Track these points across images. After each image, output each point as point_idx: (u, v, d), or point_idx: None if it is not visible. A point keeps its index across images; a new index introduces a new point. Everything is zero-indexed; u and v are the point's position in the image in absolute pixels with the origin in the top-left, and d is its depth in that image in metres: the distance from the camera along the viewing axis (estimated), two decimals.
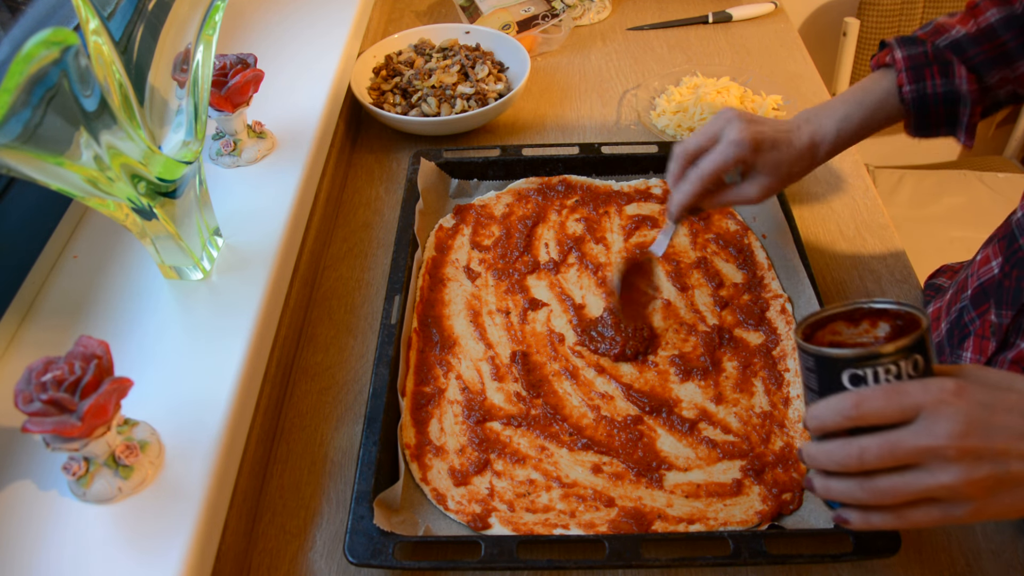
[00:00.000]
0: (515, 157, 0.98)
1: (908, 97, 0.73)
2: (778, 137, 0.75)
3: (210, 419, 0.66)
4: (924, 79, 0.73)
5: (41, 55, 0.49)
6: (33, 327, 0.73)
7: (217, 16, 0.67)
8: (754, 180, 0.76)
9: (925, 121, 0.75)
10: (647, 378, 0.78)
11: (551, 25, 1.26)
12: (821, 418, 0.53)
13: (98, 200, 0.65)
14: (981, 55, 0.72)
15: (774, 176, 0.75)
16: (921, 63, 0.73)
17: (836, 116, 0.76)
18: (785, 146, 0.75)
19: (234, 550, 0.66)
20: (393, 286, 0.82)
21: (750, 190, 0.76)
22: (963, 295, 0.78)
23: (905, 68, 0.74)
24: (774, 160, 0.75)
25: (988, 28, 0.72)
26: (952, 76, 0.73)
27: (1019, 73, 0.73)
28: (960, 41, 0.73)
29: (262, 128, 0.93)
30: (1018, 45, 0.72)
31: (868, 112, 0.75)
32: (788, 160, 0.75)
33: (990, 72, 0.73)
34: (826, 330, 0.56)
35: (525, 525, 0.66)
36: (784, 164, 0.75)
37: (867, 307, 0.55)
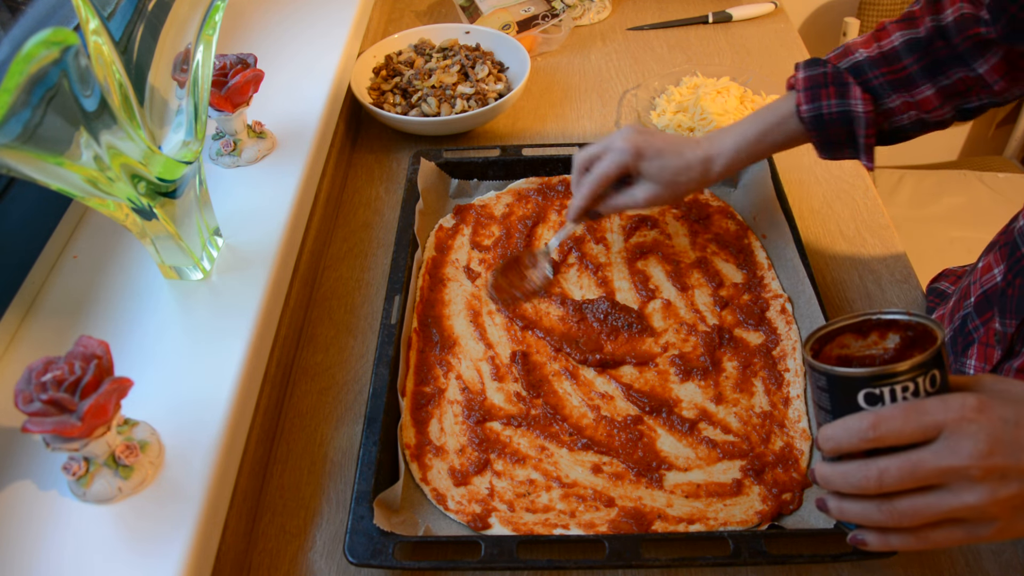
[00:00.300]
0: (515, 157, 0.98)
1: (806, 117, 0.75)
2: (665, 147, 0.78)
3: (210, 419, 0.66)
4: (820, 99, 0.74)
5: (41, 55, 0.49)
6: (33, 327, 0.73)
7: (217, 16, 0.67)
8: (641, 185, 0.80)
9: (827, 142, 0.76)
10: (647, 378, 0.78)
11: (551, 25, 1.26)
12: (836, 439, 0.51)
13: (98, 200, 0.65)
14: (880, 78, 0.73)
15: (658, 183, 0.79)
16: (819, 83, 0.74)
17: (735, 132, 0.79)
18: (672, 156, 0.78)
19: (234, 550, 0.66)
20: (393, 286, 0.82)
21: (636, 193, 0.80)
22: (966, 302, 0.77)
23: (804, 88, 0.75)
24: (658, 167, 0.78)
25: (891, 51, 0.72)
26: (847, 96, 0.73)
27: (919, 99, 0.73)
28: (861, 64, 0.73)
29: (262, 128, 0.93)
30: (920, 69, 0.72)
31: (767, 128, 0.77)
32: (673, 168, 0.78)
33: (889, 95, 0.73)
34: (834, 343, 0.54)
35: (525, 525, 0.66)
36: (668, 171, 0.78)
37: (876, 318, 0.53)
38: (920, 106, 0.73)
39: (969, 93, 0.72)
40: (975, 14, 0.68)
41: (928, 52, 0.71)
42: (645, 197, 0.80)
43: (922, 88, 0.72)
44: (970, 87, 0.72)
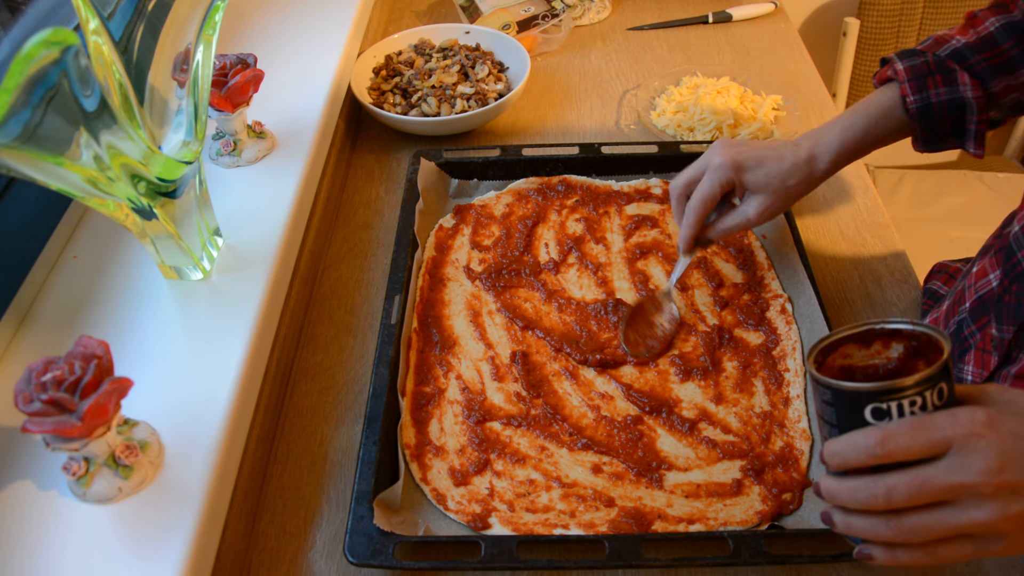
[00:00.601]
0: (515, 157, 0.98)
1: (912, 108, 0.73)
2: (763, 155, 0.75)
3: (210, 419, 0.66)
4: (928, 88, 0.72)
5: (41, 55, 0.49)
6: (33, 327, 0.73)
7: (217, 16, 0.67)
8: (749, 200, 0.77)
9: (932, 132, 0.74)
10: (647, 378, 0.78)
11: (551, 25, 1.26)
12: (843, 456, 0.50)
13: (98, 200, 0.65)
14: (983, 63, 0.72)
15: (766, 193, 0.76)
16: (923, 72, 0.73)
17: (838, 127, 0.75)
18: (773, 162, 0.75)
19: (234, 550, 0.66)
20: (393, 286, 0.82)
21: (747, 210, 0.77)
22: (961, 308, 0.77)
23: (908, 79, 0.73)
24: (763, 177, 0.75)
25: (988, 36, 0.72)
26: (956, 83, 0.72)
27: (1021, 80, 0.72)
28: (961, 50, 0.72)
29: (262, 128, 0.93)
30: (1019, 52, 0.71)
31: (871, 122, 0.74)
32: (779, 174, 0.75)
33: (993, 80, 0.72)
34: (837, 353, 0.53)
35: (525, 525, 0.66)
36: (775, 179, 0.75)
37: (880, 328, 0.52)
38: (1022, 88, 0.72)
39: None
40: None
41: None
42: (757, 211, 0.76)
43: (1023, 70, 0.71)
44: None
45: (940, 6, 1.68)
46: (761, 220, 0.77)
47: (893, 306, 0.86)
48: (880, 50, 1.71)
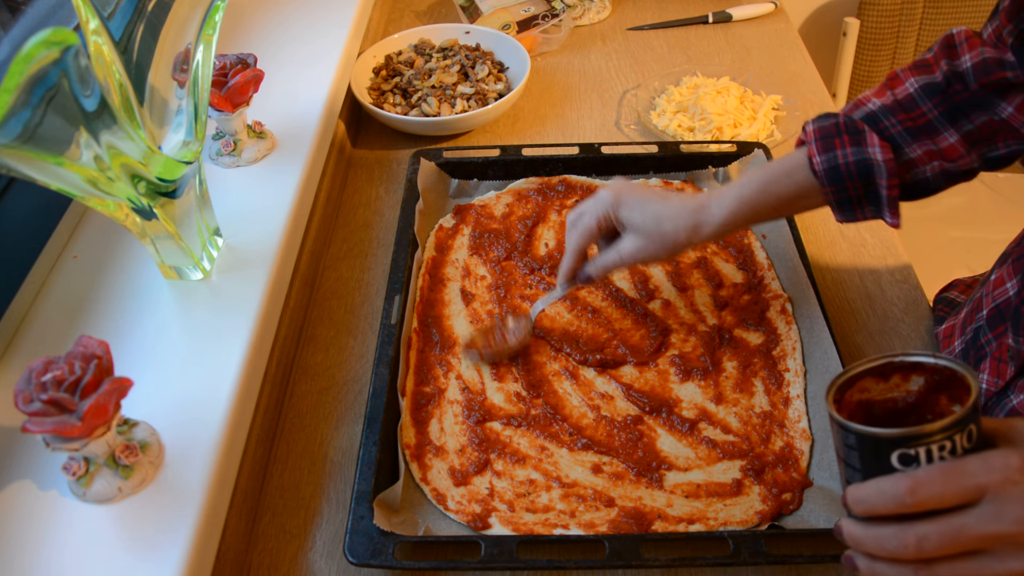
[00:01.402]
0: (515, 157, 0.98)
1: (819, 169, 0.68)
2: (648, 196, 0.72)
3: (210, 419, 0.66)
4: (834, 148, 0.68)
5: (41, 55, 0.49)
6: (33, 327, 0.73)
7: (217, 16, 0.67)
8: (625, 237, 0.73)
9: (845, 196, 0.69)
10: (647, 378, 0.78)
11: (551, 25, 1.26)
12: (870, 503, 0.48)
13: (98, 200, 0.65)
14: (897, 125, 0.68)
15: (641, 232, 0.72)
16: (831, 133, 0.68)
17: (738, 183, 0.72)
18: (655, 203, 0.72)
19: (234, 550, 0.66)
20: (393, 286, 0.82)
21: (620, 247, 0.73)
22: (978, 315, 0.75)
23: (815, 139, 0.69)
24: (639, 215, 0.72)
25: (906, 98, 0.68)
26: (864, 144, 0.68)
27: (944, 147, 0.67)
28: (875, 113, 0.68)
29: (262, 128, 0.93)
30: (940, 115, 0.67)
31: (773, 178, 0.70)
32: (655, 216, 0.71)
33: (910, 144, 0.68)
34: (854, 388, 0.51)
35: (525, 525, 0.66)
36: (650, 219, 0.71)
37: (900, 361, 0.50)
38: (944, 155, 0.68)
39: (995, 139, 0.67)
40: (998, 57, 0.64)
41: (946, 96, 0.67)
42: (629, 250, 0.73)
43: (944, 135, 0.67)
44: (996, 131, 0.67)
45: (940, 6, 1.68)
46: (635, 261, 0.74)
47: (893, 306, 0.86)
48: (880, 50, 1.71)
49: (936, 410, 0.51)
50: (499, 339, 0.80)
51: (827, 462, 0.69)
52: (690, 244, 0.72)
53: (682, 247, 0.72)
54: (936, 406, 0.50)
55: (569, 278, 0.78)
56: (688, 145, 0.99)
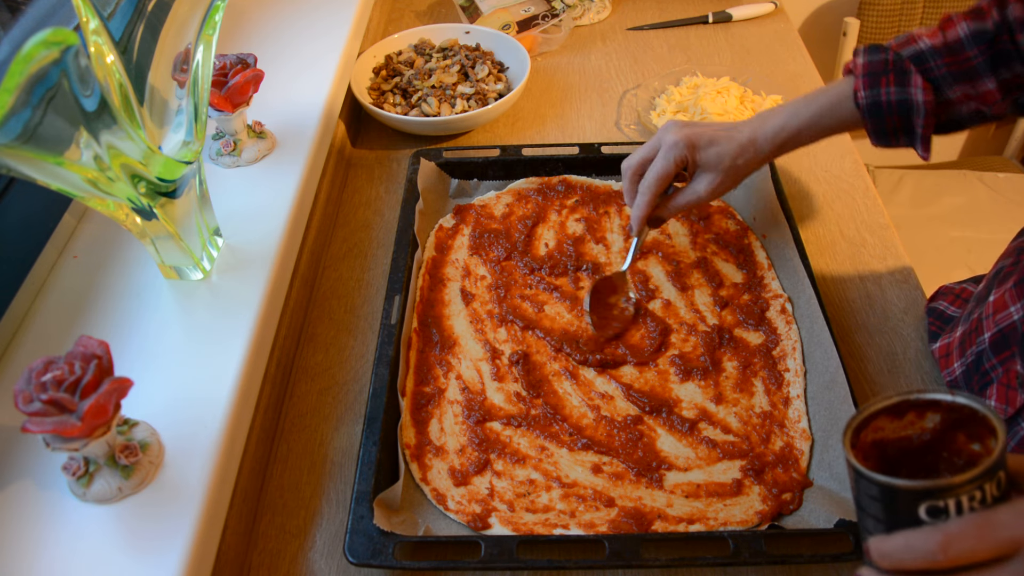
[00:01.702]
0: (515, 157, 0.98)
1: (862, 103, 0.73)
2: (716, 135, 0.77)
3: (210, 419, 0.66)
4: (879, 86, 0.72)
5: (41, 55, 0.49)
6: (33, 327, 0.73)
7: (217, 16, 0.67)
8: (700, 178, 0.79)
9: (881, 128, 0.74)
10: (647, 378, 0.78)
11: (551, 25, 1.26)
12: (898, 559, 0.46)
13: (98, 200, 0.65)
14: (943, 67, 0.71)
15: (717, 171, 0.77)
16: (879, 71, 0.73)
17: (784, 112, 0.77)
18: (725, 141, 0.77)
19: (234, 550, 0.66)
20: (393, 286, 0.82)
21: (698, 187, 0.79)
22: (979, 338, 0.74)
23: (863, 74, 0.73)
24: (715, 155, 0.77)
25: (956, 42, 0.71)
26: (907, 85, 0.72)
27: (981, 91, 0.71)
28: (924, 52, 0.72)
29: (262, 128, 0.93)
30: (983, 62, 0.70)
31: (818, 110, 0.76)
32: (729, 153, 0.77)
33: (951, 86, 0.72)
34: (868, 428, 0.50)
35: (525, 525, 0.66)
36: (726, 157, 0.77)
37: (915, 399, 0.49)
38: (982, 98, 0.72)
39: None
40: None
41: (994, 44, 0.70)
42: (708, 188, 0.78)
43: (984, 81, 0.71)
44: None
45: (940, 6, 1.68)
46: (711, 197, 0.79)
47: (893, 306, 0.86)
48: None
49: (953, 448, 0.49)
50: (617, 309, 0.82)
51: (827, 462, 0.69)
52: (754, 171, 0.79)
53: (748, 175, 0.79)
54: (953, 444, 0.49)
55: (643, 225, 0.81)
56: None
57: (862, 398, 0.77)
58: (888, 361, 0.81)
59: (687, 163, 0.78)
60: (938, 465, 0.50)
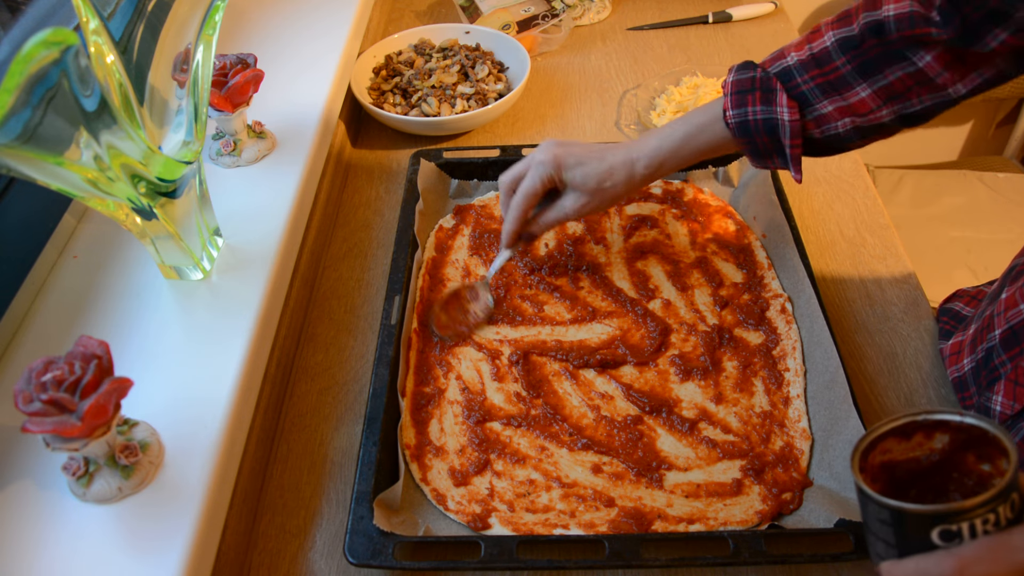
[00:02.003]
0: (515, 157, 0.98)
1: (732, 123, 0.72)
2: (586, 155, 0.77)
3: (210, 419, 0.66)
4: (746, 104, 0.71)
5: (41, 55, 0.49)
6: (33, 327, 0.73)
7: (217, 16, 0.67)
8: (567, 196, 0.79)
9: (755, 149, 0.73)
10: (647, 378, 0.78)
11: (551, 25, 1.26)
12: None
13: (98, 200, 0.65)
14: (809, 82, 0.69)
15: (583, 191, 0.77)
16: (746, 88, 0.71)
17: (660, 133, 0.76)
18: (594, 161, 0.76)
19: (234, 550, 0.66)
20: (393, 286, 0.82)
21: (565, 204, 0.79)
22: (990, 335, 0.73)
23: (731, 92, 0.72)
24: (581, 176, 0.76)
25: (822, 52, 0.69)
26: (773, 103, 0.70)
27: (853, 101, 0.68)
28: (791, 68, 0.70)
29: (262, 128, 0.93)
30: (852, 69, 0.68)
31: (692, 131, 0.75)
32: (596, 175, 0.76)
33: (820, 100, 0.69)
34: (876, 450, 0.50)
35: (525, 525, 0.66)
36: (592, 179, 0.76)
37: (922, 420, 0.48)
38: (854, 109, 0.69)
39: (909, 94, 0.68)
40: (924, 14, 0.64)
41: (861, 50, 0.67)
42: (573, 207, 0.78)
43: (855, 89, 0.68)
44: (909, 87, 0.67)
45: None
46: (579, 215, 0.79)
47: (893, 306, 0.86)
48: None
49: (963, 468, 0.49)
50: (471, 314, 0.83)
51: (827, 462, 0.69)
52: (626, 194, 0.79)
53: (619, 198, 0.79)
54: (963, 464, 0.48)
55: (515, 240, 0.82)
56: None
57: (862, 398, 0.77)
58: (888, 361, 0.81)
59: (554, 182, 0.78)
60: (948, 486, 0.50)
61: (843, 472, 0.67)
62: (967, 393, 0.75)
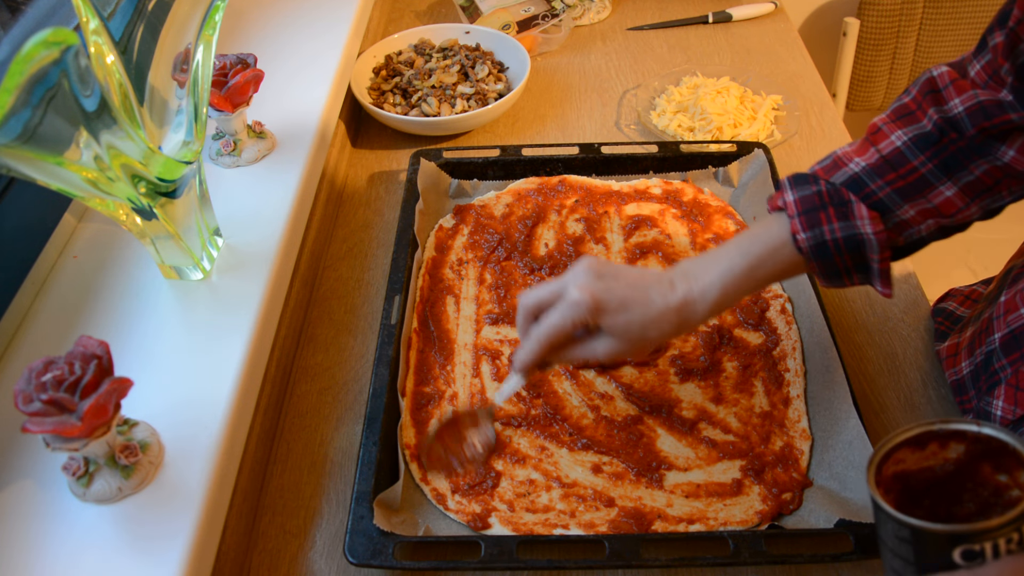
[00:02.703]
0: (515, 157, 0.98)
1: (805, 246, 0.63)
2: (631, 296, 0.64)
3: (210, 419, 0.66)
4: (820, 224, 0.62)
5: (41, 55, 0.49)
6: (33, 327, 0.73)
7: (217, 16, 0.67)
8: (602, 339, 0.66)
9: (832, 270, 0.64)
10: (647, 378, 0.78)
11: (551, 25, 1.26)
12: None
13: (98, 200, 0.65)
14: (886, 187, 0.62)
15: (623, 340, 0.64)
16: (815, 206, 0.63)
17: (719, 265, 0.64)
18: (640, 306, 0.64)
19: (234, 550, 0.66)
20: (393, 286, 0.82)
21: (597, 348, 0.66)
22: (989, 338, 0.71)
23: (798, 213, 0.63)
24: (623, 324, 0.64)
25: (894, 153, 0.62)
26: (852, 217, 0.62)
27: (938, 202, 0.62)
28: (858, 176, 0.63)
29: (262, 128, 0.93)
30: (934, 167, 0.61)
31: (756, 262, 0.64)
32: (641, 323, 0.64)
33: (900, 206, 0.62)
34: (890, 461, 0.48)
35: (525, 525, 0.66)
36: (635, 327, 0.64)
37: (938, 430, 0.47)
38: (940, 211, 0.62)
39: (999, 187, 0.62)
40: (996, 99, 0.58)
41: (941, 147, 0.61)
42: (605, 351, 0.66)
43: (940, 189, 0.61)
44: (998, 180, 0.61)
45: (940, 6, 1.68)
46: (610, 360, 0.72)
47: (893, 306, 0.86)
48: (880, 50, 1.71)
49: (978, 479, 0.48)
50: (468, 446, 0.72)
51: (827, 462, 0.69)
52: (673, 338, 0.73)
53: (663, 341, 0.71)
54: (978, 475, 0.48)
55: (531, 370, 0.68)
56: (688, 145, 0.99)
57: (862, 398, 0.77)
58: (888, 361, 0.81)
59: (587, 326, 0.65)
60: (962, 495, 0.49)
61: (843, 472, 0.67)
62: (966, 397, 0.74)
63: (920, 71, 1.72)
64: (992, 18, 0.61)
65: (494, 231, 0.92)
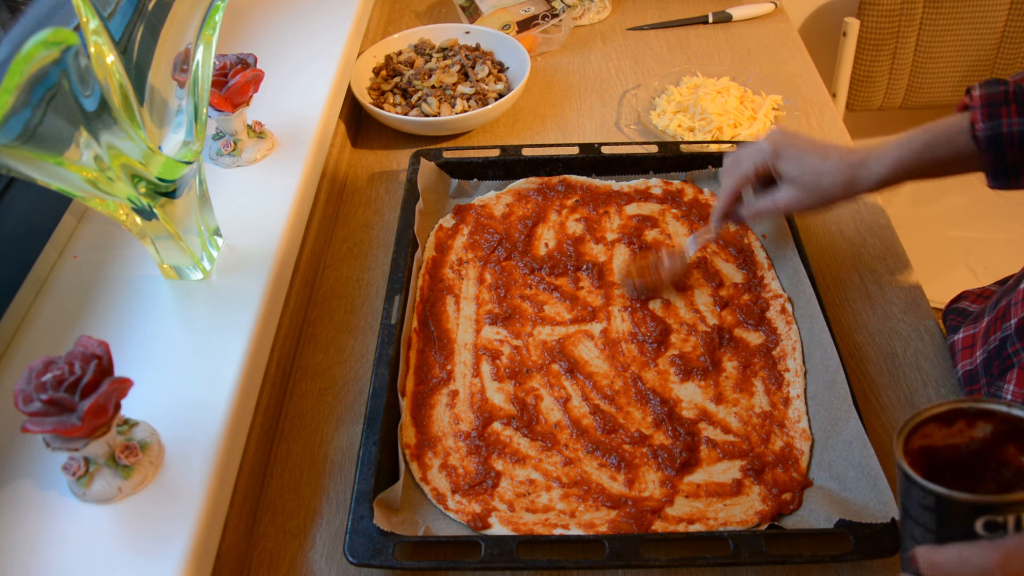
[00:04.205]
0: (515, 157, 0.98)
1: (981, 136, 0.67)
2: (809, 147, 0.74)
3: (210, 419, 0.66)
4: (1000, 116, 0.67)
5: (41, 55, 0.49)
6: (33, 327, 0.73)
7: (217, 16, 0.67)
8: (781, 188, 0.77)
9: (1001, 165, 0.68)
10: (647, 378, 0.78)
11: (551, 25, 1.26)
12: (949, 570, 0.45)
13: (98, 200, 0.65)
14: None
15: (799, 186, 0.75)
16: (999, 101, 0.67)
17: (898, 140, 0.71)
18: (814, 156, 0.74)
19: (234, 550, 0.66)
20: (393, 286, 0.82)
21: (777, 196, 0.77)
22: (1004, 324, 0.72)
23: (981, 105, 0.68)
24: (796, 169, 0.74)
25: None
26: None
27: None
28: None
29: (262, 128, 0.93)
30: None
31: (933, 142, 0.70)
32: (813, 170, 0.73)
33: None
34: (917, 435, 0.50)
35: (525, 525, 0.66)
36: (808, 173, 0.74)
37: (967, 408, 0.49)
38: None
39: None
40: None
41: None
42: (784, 199, 0.76)
43: None
44: None
45: (940, 6, 1.68)
46: (788, 211, 0.78)
47: (893, 306, 0.86)
48: (880, 50, 1.71)
49: (1002, 459, 0.49)
50: (655, 273, 0.83)
51: (827, 462, 0.69)
52: (846, 198, 0.74)
53: (838, 200, 0.75)
54: (1002, 455, 0.48)
55: (722, 217, 0.82)
56: (688, 145, 0.99)
57: (862, 398, 0.77)
58: (888, 361, 0.81)
59: (767, 169, 0.76)
60: (984, 475, 0.50)
61: (843, 472, 0.67)
62: (976, 385, 0.75)
63: (920, 71, 1.73)
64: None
65: (494, 231, 0.92)
